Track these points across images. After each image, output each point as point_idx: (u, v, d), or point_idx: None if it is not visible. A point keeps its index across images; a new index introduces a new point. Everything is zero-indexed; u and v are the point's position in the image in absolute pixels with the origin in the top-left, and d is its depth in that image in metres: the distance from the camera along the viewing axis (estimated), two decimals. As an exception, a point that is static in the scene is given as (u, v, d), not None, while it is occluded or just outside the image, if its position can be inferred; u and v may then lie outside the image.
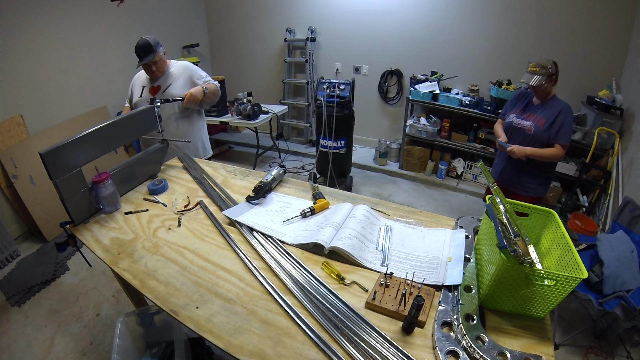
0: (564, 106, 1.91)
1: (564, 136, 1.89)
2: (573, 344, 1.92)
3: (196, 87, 2.00)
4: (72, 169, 1.23)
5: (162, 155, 1.70)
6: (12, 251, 2.59)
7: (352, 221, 1.21)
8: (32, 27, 2.73)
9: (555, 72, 1.89)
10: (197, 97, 1.97)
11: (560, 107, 1.91)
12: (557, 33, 3.12)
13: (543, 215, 1.03)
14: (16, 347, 1.89)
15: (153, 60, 1.93)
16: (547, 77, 1.85)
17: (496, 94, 3.32)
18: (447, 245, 1.13)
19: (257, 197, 1.40)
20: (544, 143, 1.95)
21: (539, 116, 1.96)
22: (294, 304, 0.93)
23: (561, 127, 1.89)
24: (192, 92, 1.95)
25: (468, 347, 0.77)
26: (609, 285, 1.75)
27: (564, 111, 1.90)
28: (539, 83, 1.84)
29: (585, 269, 0.77)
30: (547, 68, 1.83)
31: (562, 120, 1.89)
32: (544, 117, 1.94)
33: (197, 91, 1.97)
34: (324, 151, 3.28)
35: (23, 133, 2.75)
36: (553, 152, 1.92)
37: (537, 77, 1.84)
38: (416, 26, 3.64)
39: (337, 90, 3.06)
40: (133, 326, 1.52)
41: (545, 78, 1.85)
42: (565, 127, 1.89)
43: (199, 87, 2.00)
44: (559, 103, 1.94)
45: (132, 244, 1.19)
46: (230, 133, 4.82)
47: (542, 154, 1.93)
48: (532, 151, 1.93)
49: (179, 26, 4.29)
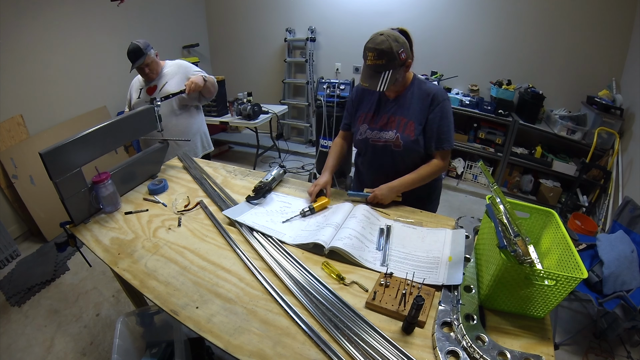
0: (435, 93, 1.29)
1: (447, 138, 1.31)
2: (573, 344, 1.92)
3: (196, 76, 2.01)
4: (72, 169, 1.23)
5: (162, 155, 1.70)
6: (12, 251, 2.58)
7: (352, 221, 1.21)
8: (32, 27, 2.73)
9: (408, 54, 1.22)
10: (198, 84, 1.97)
11: (429, 96, 1.29)
12: (557, 33, 3.12)
13: (543, 215, 1.03)
14: (16, 347, 1.89)
15: (145, 62, 1.97)
16: (400, 68, 1.21)
17: (496, 94, 3.32)
18: (447, 245, 1.13)
19: (257, 197, 1.40)
20: (419, 156, 1.36)
21: (403, 119, 1.33)
22: (294, 304, 0.93)
23: (439, 125, 1.29)
24: (193, 79, 1.96)
25: (468, 347, 0.77)
26: (609, 285, 1.75)
27: (437, 100, 1.29)
28: (392, 82, 1.20)
29: (585, 269, 0.77)
30: (396, 55, 1.16)
31: (437, 115, 1.29)
32: (410, 117, 1.32)
33: (197, 79, 1.98)
34: (324, 151, 3.28)
35: (23, 133, 2.75)
36: (431, 170, 1.35)
37: (386, 75, 1.18)
38: (416, 26, 3.62)
39: (337, 90, 3.06)
40: (133, 326, 1.52)
41: (398, 71, 1.20)
42: (444, 124, 1.30)
43: (199, 75, 2.01)
44: (426, 89, 1.31)
45: (132, 244, 1.19)
46: (230, 133, 4.82)
47: (417, 178, 1.34)
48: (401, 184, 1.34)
49: (179, 26, 4.28)
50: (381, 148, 1.39)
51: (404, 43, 1.20)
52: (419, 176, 1.35)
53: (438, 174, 1.40)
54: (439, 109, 1.29)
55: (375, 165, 1.46)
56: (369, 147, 1.43)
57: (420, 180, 1.36)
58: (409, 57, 1.24)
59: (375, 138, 1.39)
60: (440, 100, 1.29)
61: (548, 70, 3.28)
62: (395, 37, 1.17)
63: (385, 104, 1.39)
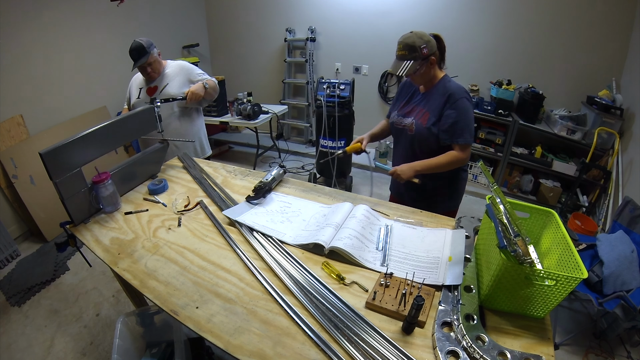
0: (454, 91, 1.42)
1: (462, 133, 1.42)
2: (573, 344, 1.92)
3: (196, 84, 2.01)
4: (72, 169, 1.23)
5: (162, 155, 1.70)
6: (12, 251, 2.59)
7: (352, 221, 1.21)
8: (32, 27, 2.73)
9: (432, 52, 1.41)
10: (199, 94, 1.97)
11: (447, 93, 1.43)
12: (557, 33, 3.12)
13: (543, 215, 1.03)
14: (16, 347, 1.89)
15: (147, 61, 1.94)
16: (421, 61, 1.40)
17: (496, 94, 3.32)
18: (447, 245, 1.13)
19: (257, 197, 1.40)
20: (435, 144, 1.50)
21: (422, 109, 1.51)
22: (294, 304, 0.93)
23: (455, 121, 1.41)
24: (194, 89, 1.96)
25: (468, 347, 0.77)
26: (609, 285, 1.75)
27: (453, 98, 1.41)
28: (411, 71, 1.40)
29: (585, 269, 0.77)
30: (418, 49, 1.38)
31: (453, 111, 1.42)
32: (428, 109, 1.49)
33: (198, 88, 1.98)
34: (324, 151, 3.28)
35: (23, 133, 2.75)
36: (449, 159, 1.45)
37: (407, 64, 1.39)
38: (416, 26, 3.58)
39: (337, 90, 3.06)
40: (133, 326, 1.52)
41: (419, 63, 1.40)
42: (460, 120, 1.41)
43: (200, 84, 2.01)
44: (447, 87, 1.45)
45: (132, 244, 1.19)
46: (230, 133, 4.82)
47: (435, 164, 1.46)
48: (421, 166, 1.47)
49: (179, 26, 4.29)
50: (400, 131, 1.61)
51: (429, 41, 1.40)
52: (437, 162, 1.46)
53: (456, 165, 1.48)
54: (455, 106, 1.42)
55: (398, 147, 1.68)
56: (393, 130, 1.66)
57: (438, 166, 1.46)
58: (432, 54, 1.41)
59: (397, 122, 1.61)
60: (456, 98, 1.42)
61: (548, 70, 3.28)
62: (420, 35, 1.40)
63: (416, 96, 1.59)
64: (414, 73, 1.42)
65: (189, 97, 1.94)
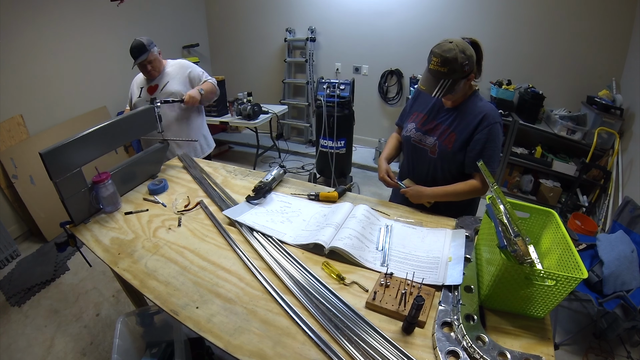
0: (488, 113, 1.24)
1: (488, 162, 1.23)
2: (573, 344, 1.92)
3: (193, 90, 2.03)
4: (72, 169, 1.23)
5: (162, 155, 1.70)
6: (12, 251, 2.58)
7: (352, 221, 1.21)
8: (32, 27, 2.73)
9: (472, 67, 1.20)
10: (196, 98, 2.00)
11: (480, 115, 1.25)
12: (557, 33, 3.12)
13: (543, 215, 1.03)
14: (16, 347, 1.89)
15: (147, 59, 1.96)
16: (461, 79, 1.19)
17: (496, 94, 3.32)
18: (447, 245, 1.13)
19: (257, 197, 1.40)
20: (457, 169, 1.34)
21: (447, 128, 1.31)
22: (294, 304, 0.93)
23: (484, 149, 1.25)
24: (191, 94, 1.99)
25: (468, 347, 0.77)
26: (609, 285, 1.75)
27: (487, 122, 1.24)
28: (448, 92, 1.19)
29: (585, 269, 0.77)
30: (459, 65, 1.15)
31: (484, 137, 1.24)
32: (455, 130, 1.29)
33: (195, 93, 2.00)
34: (323, 151, 3.28)
35: (23, 133, 2.75)
36: (468, 189, 1.30)
37: (445, 83, 1.17)
38: (416, 26, 3.64)
39: (337, 90, 3.05)
40: (133, 326, 1.52)
41: (459, 82, 1.19)
42: (489, 148, 1.25)
43: (195, 90, 2.03)
44: (480, 107, 1.26)
45: (132, 244, 1.19)
46: (230, 133, 4.82)
47: (452, 192, 1.32)
48: (436, 194, 1.33)
49: (179, 26, 4.29)
50: (419, 150, 1.40)
51: (471, 56, 1.18)
52: (453, 190, 1.32)
53: (473, 195, 1.35)
54: (488, 131, 1.25)
55: (412, 165, 1.47)
56: (410, 146, 1.44)
57: (453, 195, 1.33)
58: (473, 70, 1.22)
59: (417, 139, 1.40)
60: (491, 122, 1.24)
61: (548, 70, 3.28)
62: (463, 48, 1.15)
63: (439, 111, 1.37)
64: (451, 93, 1.22)
65: (187, 101, 1.97)
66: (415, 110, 1.45)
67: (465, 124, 1.28)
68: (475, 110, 1.27)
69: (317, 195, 1.44)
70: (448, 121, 1.33)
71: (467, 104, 1.30)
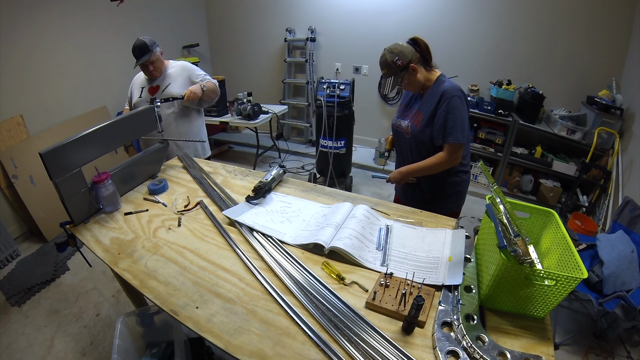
0: (445, 90, 1.42)
1: (452, 131, 1.41)
2: (573, 344, 1.92)
3: (195, 85, 2.01)
4: (72, 169, 1.23)
5: (162, 155, 1.70)
6: (12, 251, 2.58)
7: (352, 221, 1.21)
8: (32, 27, 2.73)
9: (408, 60, 1.43)
10: (197, 93, 1.98)
11: (439, 93, 1.43)
12: (557, 33, 3.12)
13: (543, 215, 1.03)
14: (16, 347, 1.89)
15: (150, 60, 1.95)
16: (400, 73, 1.45)
17: (496, 94, 3.32)
18: (447, 246, 1.13)
19: (257, 197, 1.40)
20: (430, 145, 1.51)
21: (417, 112, 1.53)
22: (294, 304, 0.93)
23: (445, 120, 1.41)
24: (192, 89, 1.97)
25: (468, 347, 0.77)
26: (609, 285, 1.75)
27: (445, 97, 1.41)
28: (394, 86, 1.49)
29: (585, 269, 0.77)
30: (392, 64, 1.43)
31: (444, 110, 1.41)
32: (422, 110, 1.50)
33: (196, 88, 1.99)
34: (324, 151, 3.28)
35: (23, 133, 2.75)
36: (435, 161, 1.47)
37: (389, 81, 1.48)
38: (416, 26, 3.64)
39: (337, 90, 3.06)
40: (133, 326, 1.52)
41: (400, 75, 1.46)
42: (450, 119, 1.41)
43: (197, 85, 2.01)
44: (441, 87, 1.45)
45: (132, 244, 1.19)
46: (230, 133, 4.82)
47: (423, 166, 1.50)
48: (408, 169, 1.55)
49: (179, 26, 4.29)
50: (399, 134, 1.64)
51: (401, 52, 1.43)
52: (424, 164, 1.51)
53: (443, 167, 1.49)
54: (446, 105, 1.41)
55: (398, 148, 1.72)
56: (394, 132, 1.70)
57: (426, 169, 1.51)
58: (408, 61, 1.44)
59: (397, 124, 1.64)
60: (448, 97, 1.41)
61: (548, 70, 3.28)
62: (391, 49, 1.45)
63: (415, 99, 1.59)
64: (399, 86, 1.50)
65: (187, 96, 1.95)
66: (401, 103, 1.71)
67: (429, 104, 1.48)
68: (437, 90, 1.46)
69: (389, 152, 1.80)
70: (417, 104, 1.56)
71: (432, 88, 1.49)
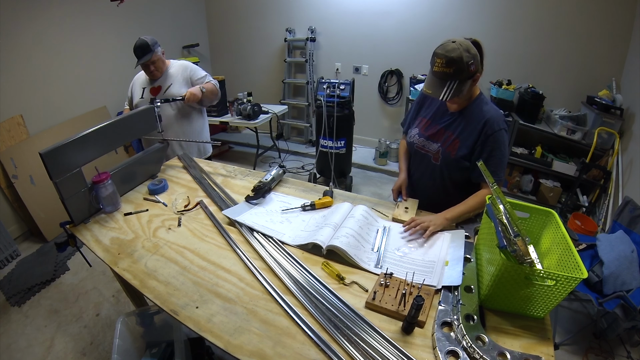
0: (490, 118, 1.19)
1: (495, 171, 1.19)
2: (573, 344, 1.92)
3: (195, 87, 2.02)
4: (72, 169, 1.23)
5: (162, 155, 1.70)
6: (12, 251, 2.58)
7: (350, 221, 1.21)
8: (32, 27, 2.73)
9: (477, 66, 1.14)
10: (196, 95, 1.98)
11: (482, 120, 1.19)
12: (557, 33, 3.12)
13: (543, 215, 1.03)
14: (16, 347, 1.89)
15: (151, 59, 1.94)
16: (467, 80, 1.13)
17: (496, 94, 3.32)
18: (446, 246, 1.12)
19: (257, 197, 1.40)
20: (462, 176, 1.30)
21: (451, 134, 1.27)
22: (294, 304, 0.93)
23: (490, 157, 1.19)
24: (192, 90, 1.97)
25: (468, 347, 0.77)
26: (609, 285, 1.75)
27: (490, 128, 1.18)
28: (455, 94, 1.13)
29: (585, 269, 0.77)
30: (466, 66, 1.10)
31: (490, 146, 1.19)
32: (459, 136, 1.25)
33: (196, 90, 1.99)
34: (324, 151, 3.28)
35: (23, 133, 2.75)
36: (481, 200, 1.23)
37: (451, 85, 1.11)
38: (416, 26, 3.64)
39: (337, 90, 3.05)
40: (133, 326, 1.52)
41: (466, 83, 1.14)
42: (496, 156, 1.19)
43: (197, 87, 2.02)
44: (485, 111, 1.21)
45: (132, 244, 1.19)
46: (230, 133, 4.82)
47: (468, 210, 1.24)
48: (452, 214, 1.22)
49: (179, 26, 4.28)
50: (423, 157, 1.38)
51: (475, 55, 1.13)
52: (468, 207, 1.25)
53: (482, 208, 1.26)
54: (493, 140, 1.19)
55: (418, 172, 1.44)
56: (413, 152, 1.43)
57: (469, 212, 1.25)
58: (478, 70, 1.16)
59: (420, 145, 1.38)
60: (495, 129, 1.18)
61: (548, 70, 3.28)
62: (467, 47, 1.11)
63: (443, 115, 1.32)
64: (458, 96, 1.14)
65: (187, 98, 1.96)
66: (421, 116, 1.42)
67: (470, 130, 1.23)
68: (479, 115, 1.21)
69: (312, 205, 1.35)
70: (452, 126, 1.28)
71: (472, 108, 1.24)
